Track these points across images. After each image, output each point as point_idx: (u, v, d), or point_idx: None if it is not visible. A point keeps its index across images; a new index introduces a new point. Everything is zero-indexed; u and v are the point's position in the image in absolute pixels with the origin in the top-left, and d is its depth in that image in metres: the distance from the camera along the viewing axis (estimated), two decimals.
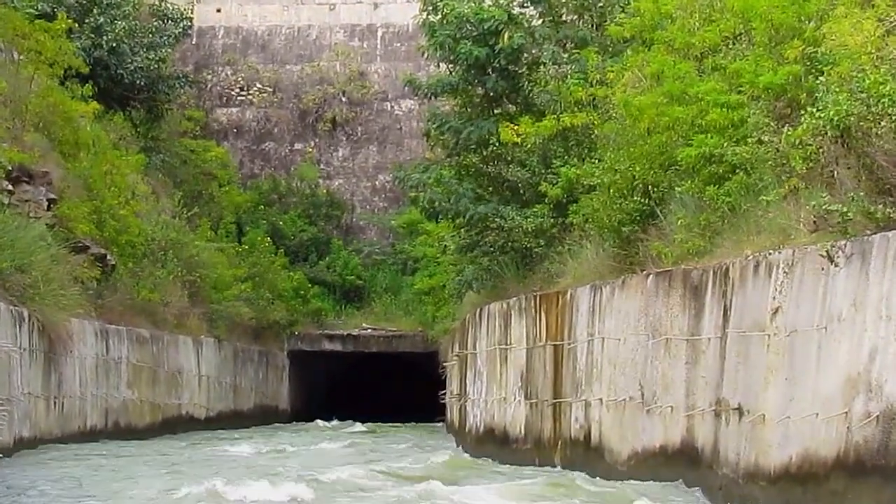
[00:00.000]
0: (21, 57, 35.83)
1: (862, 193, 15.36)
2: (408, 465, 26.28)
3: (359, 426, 42.83)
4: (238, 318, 45.01)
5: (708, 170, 20.25)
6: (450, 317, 39.98)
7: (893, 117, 15.14)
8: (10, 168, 29.73)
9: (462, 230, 34.11)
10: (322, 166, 54.20)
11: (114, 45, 45.53)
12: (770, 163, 18.01)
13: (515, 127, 30.02)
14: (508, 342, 29.39)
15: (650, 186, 22.89)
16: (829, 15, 19.09)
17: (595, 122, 26.46)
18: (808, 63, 18.46)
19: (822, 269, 15.78)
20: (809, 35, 19.16)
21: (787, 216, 17.30)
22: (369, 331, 50.19)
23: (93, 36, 44.72)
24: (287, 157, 54.57)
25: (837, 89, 16.07)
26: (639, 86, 23.77)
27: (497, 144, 31.32)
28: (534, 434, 27.23)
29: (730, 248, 18.97)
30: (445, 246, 39.53)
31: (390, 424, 42.75)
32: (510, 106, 32.35)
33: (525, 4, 32.65)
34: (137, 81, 46.86)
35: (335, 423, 44.54)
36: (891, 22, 17.73)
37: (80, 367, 31.94)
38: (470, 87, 33.14)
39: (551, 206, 28.53)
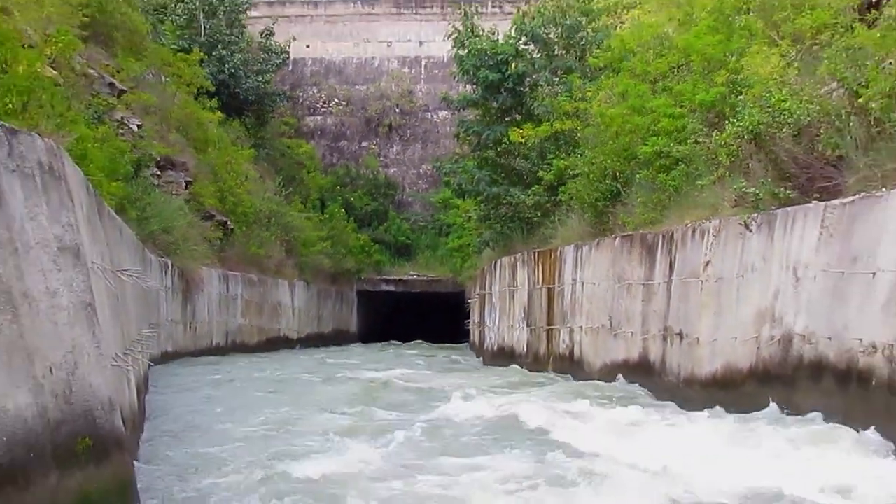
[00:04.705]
0: (167, 79, 35.97)
1: (769, 180, 15.41)
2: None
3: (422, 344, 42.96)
4: (320, 267, 45.08)
5: (659, 162, 20.29)
6: (473, 267, 40.00)
7: (791, 125, 15.17)
8: (159, 159, 29.87)
9: (481, 205, 34.13)
10: (381, 158, 54.14)
11: (233, 71, 45.63)
12: (703, 157, 18.03)
13: (521, 130, 30.07)
14: (515, 285, 29.47)
15: (617, 174, 22.94)
16: (746, 51, 19.08)
17: (578, 128, 26.48)
18: (731, 86, 18.46)
19: (741, 233, 15.84)
20: (732, 66, 19.15)
21: (716, 196, 17.34)
22: (415, 276, 50.18)
23: (218, 64, 44.74)
24: (356, 151, 54.52)
25: (752, 105, 16.09)
26: (610, 101, 23.77)
27: (507, 143, 31.39)
28: (533, 351, 27.36)
29: (674, 219, 19.00)
30: (470, 216, 39.54)
31: (431, 344, 42.79)
32: (517, 115, 32.35)
33: (527, 42, 32.58)
34: (249, 97, 46.96)
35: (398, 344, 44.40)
36: (790, 57, 17.74)
37: (208, 301, 32.13)
38: (487, 102, 33.14)
39: (546, 188, 28.61)
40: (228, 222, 35.58)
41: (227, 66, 45.39)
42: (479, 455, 12.72)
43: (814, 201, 14.14)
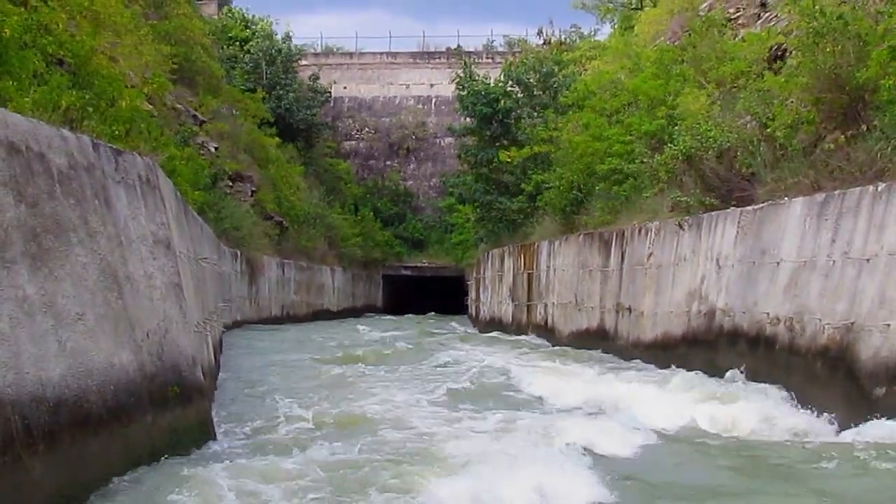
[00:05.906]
0: (237, 112, 35.95)
1: (697, 191, 15.40)
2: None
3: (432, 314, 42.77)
4: (354, 256, 45.10)
5: (613, 177, 20.26)
6: (471, 257, 39.98)
7: (715, 149, 15.16)
8: (231, 173, 29.92)
9: (478, 209, 34.16)
10: (401, 173, 54.03)
11: (287, 106, 45.62)
12: (647, 174, 18.01)
13: (508, 153, 30.05)
14: (503, 271, 29.48)
15: (581, 186, 22.91)
16: (681, 92, 19.04)
17: (552, 150, 26.49)
18: (669, 119, 18.43)
19: (676, 232, 15.84)
20: (670, 104, 19.10)
21: (657, 203, 17.35)
22: (427, 264, 50.19)
23: (276, 101, 44.70)
24: (382, 168, 54.43)
25: (685, 133, 16.08)
26: (576, 130, 23.77)
27: (497, 162, 31.34)
28: (516, 321, 27.37)
29: (625, 221, 19.01)
30: (469, 218, 39.53)
31: (438, 315, 42.70)
32: (505, 141, 32.33)
33: (513, 85, 32.61)
34: (300, 126, 46.87)
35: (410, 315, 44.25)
36: (714, 97, 17.72)
37: (268, 282, 32.10)
38: (482, 131, 33.14)
39: (527, 196, 28.59)
40: (284, 222, 35.60)
41: (283, 102, 45.40)
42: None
43: (732, 207, 14.16)
